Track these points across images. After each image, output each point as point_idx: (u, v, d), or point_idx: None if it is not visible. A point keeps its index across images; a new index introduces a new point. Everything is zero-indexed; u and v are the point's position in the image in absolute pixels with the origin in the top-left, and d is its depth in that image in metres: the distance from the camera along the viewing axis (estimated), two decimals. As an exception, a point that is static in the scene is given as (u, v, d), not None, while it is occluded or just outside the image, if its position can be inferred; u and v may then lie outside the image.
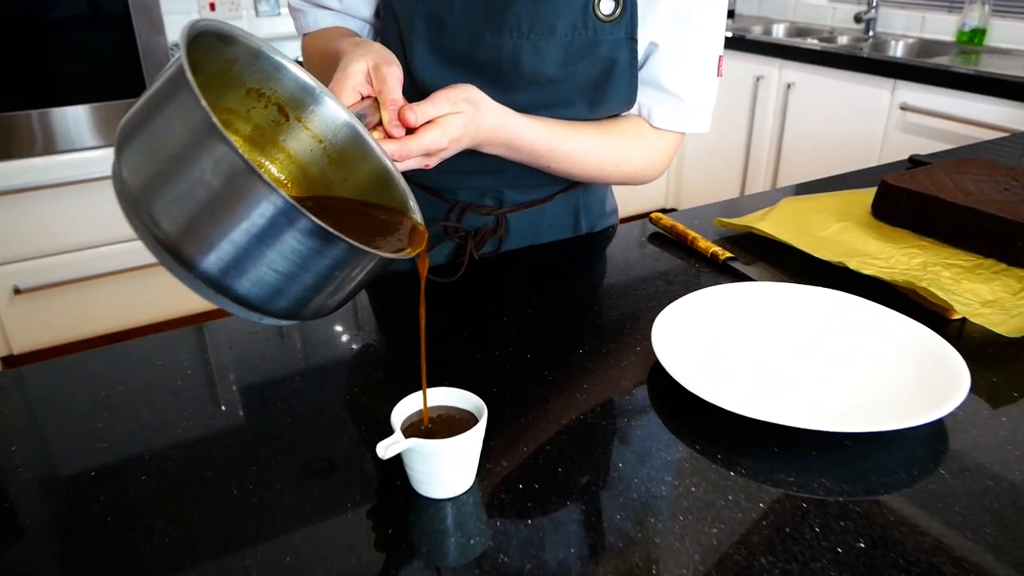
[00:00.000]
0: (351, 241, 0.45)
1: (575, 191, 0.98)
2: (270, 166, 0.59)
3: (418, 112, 0.66)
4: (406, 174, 0.63)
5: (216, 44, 0.51)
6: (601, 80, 0.83)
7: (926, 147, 2.23)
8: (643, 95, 0.87)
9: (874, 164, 2.42)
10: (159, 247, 0.45)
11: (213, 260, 0.44)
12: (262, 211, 0.43)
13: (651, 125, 0.89)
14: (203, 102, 0.42)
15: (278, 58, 0.56)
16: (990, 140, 1.48)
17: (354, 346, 0.77)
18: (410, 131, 0.66)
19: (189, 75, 0.42)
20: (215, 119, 0.42)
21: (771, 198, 1.15)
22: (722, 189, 3.06)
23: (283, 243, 0.44)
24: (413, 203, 0.58)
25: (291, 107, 0.58)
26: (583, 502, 0.55)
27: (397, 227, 0.57)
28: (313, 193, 0.60)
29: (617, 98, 0.84)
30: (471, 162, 0.80)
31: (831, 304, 0.78)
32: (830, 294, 0.79)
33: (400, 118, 0.65)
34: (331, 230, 0.44)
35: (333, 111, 0.59)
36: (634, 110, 0.88)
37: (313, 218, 0.43)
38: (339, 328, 0.80)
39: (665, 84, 0.86)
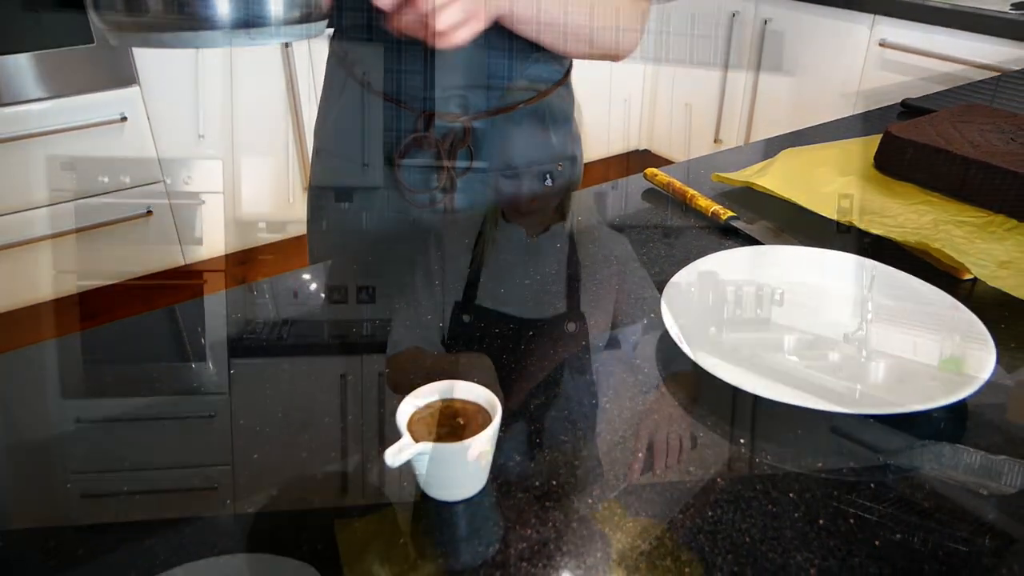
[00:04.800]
0: None
1: (539, 104, 0.94)
2: None
3: None
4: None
5: None
6: None
7: (905, 86, 2.19)
8: None
9: (852, 101, 2.39)
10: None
11: None
12: None
13: None
14: None
15: None
16: (980, 81, 1.44)
17: (350, 325, 0.72)
18: None
19: None
20: None
21: (759, 148, 1.11)
22: (695, 130, 3.00)
23: None
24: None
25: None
26: (606, 500, 0.52)
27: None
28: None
29: None
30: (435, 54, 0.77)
31: (847, 269, 0.74)
32: (846, 258, 0.75)
33: None
34: None
35: None
36: None
37: None
38: (333, 299, 0.74)
39: None
